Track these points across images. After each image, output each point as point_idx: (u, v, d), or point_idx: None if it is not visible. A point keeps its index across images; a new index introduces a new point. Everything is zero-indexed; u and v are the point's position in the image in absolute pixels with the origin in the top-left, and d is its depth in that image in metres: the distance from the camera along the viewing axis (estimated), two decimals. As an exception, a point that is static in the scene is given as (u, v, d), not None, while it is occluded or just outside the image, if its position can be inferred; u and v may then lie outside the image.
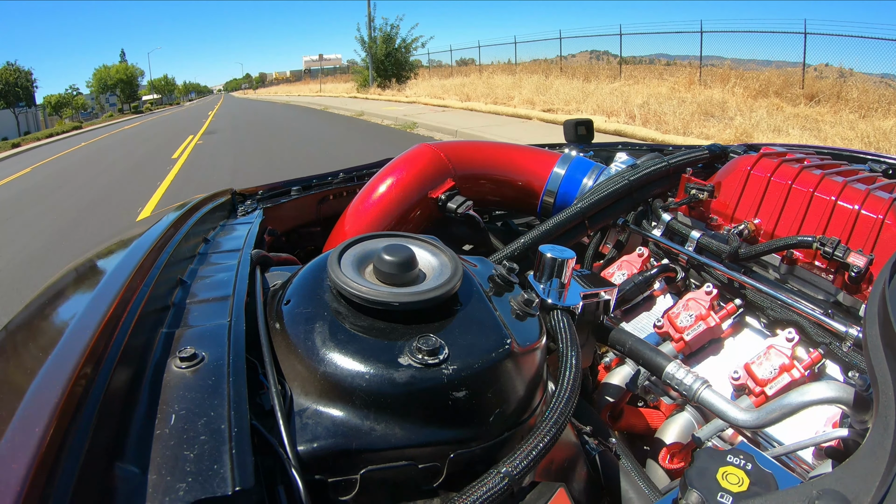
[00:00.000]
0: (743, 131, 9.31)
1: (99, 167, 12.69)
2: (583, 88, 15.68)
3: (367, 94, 27.00)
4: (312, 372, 0.58)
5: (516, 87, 18.33)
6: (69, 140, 25.43)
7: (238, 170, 9.74)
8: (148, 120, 37.28)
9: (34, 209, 8.42)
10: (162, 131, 22.32)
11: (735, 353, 1.24)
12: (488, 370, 0.61)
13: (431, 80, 27.38)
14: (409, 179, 1.57)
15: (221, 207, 1.40)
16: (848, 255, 1.11)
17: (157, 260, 0.80)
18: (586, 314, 0.93)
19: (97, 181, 10.48)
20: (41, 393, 0.45)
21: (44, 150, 21.20)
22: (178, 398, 0.53)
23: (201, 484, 0.44)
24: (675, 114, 10.99)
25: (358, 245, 0.73)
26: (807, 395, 0.77)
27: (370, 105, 21.28)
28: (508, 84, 19.36)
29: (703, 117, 10.92)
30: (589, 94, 14.60)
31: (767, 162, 1.40)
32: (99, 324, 0.56)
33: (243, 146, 13.55)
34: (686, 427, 1.13)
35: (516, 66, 24.27)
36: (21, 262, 5.51)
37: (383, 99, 24.10)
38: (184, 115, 37.29)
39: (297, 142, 13.44)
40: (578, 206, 1.44)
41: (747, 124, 9.78)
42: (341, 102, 25.54)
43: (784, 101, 11.96)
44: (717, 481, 0.55)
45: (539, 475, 0.66)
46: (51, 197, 9.36)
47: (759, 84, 12.77)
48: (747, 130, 9.37)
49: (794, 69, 13.31)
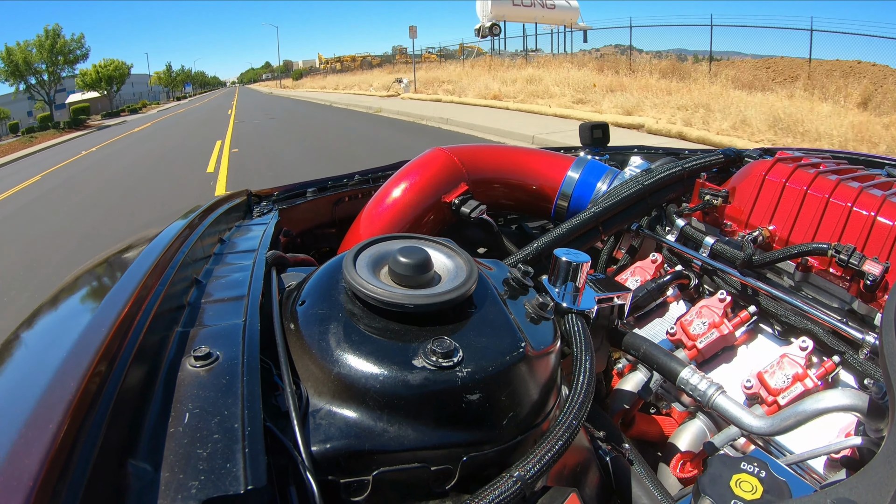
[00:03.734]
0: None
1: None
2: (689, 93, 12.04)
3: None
4: (326, 373, 0.59)
5: (617, 87, 14.34)
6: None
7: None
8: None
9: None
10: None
11: (748, 362, 1.23)
12: (502, 373, 0.61)
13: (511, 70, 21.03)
14: (423, 183, 1.57)
15: (237, 208, 1.41)
16: (863, 263, 1.10)
17: (173, 259, 0.80)
18: (601, 318, 0.93)
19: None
20: (55, 390, 0.46)
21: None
22: (191, 397, 0.53)
23: (213, 482, 0.44)
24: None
25: (373, 246, 0.74)
26: (822, 402, 0.76)
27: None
28: (588, 80, 15.68)
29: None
30: (715, 103, 10.69)
31: (782, 167, 1.39)
32: (114, 322, 0.56)
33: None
34: (698, 435, 1.13)
35: (571, 56, 21.48)
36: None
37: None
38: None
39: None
40: (592, 210, 1.44)
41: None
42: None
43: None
44: (730, 488, 0.55)
45: (551, 480, 0.66)
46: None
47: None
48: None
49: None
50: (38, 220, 7.94)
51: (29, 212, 8.78)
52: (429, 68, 29.65)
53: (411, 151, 1.81)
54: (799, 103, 10.12)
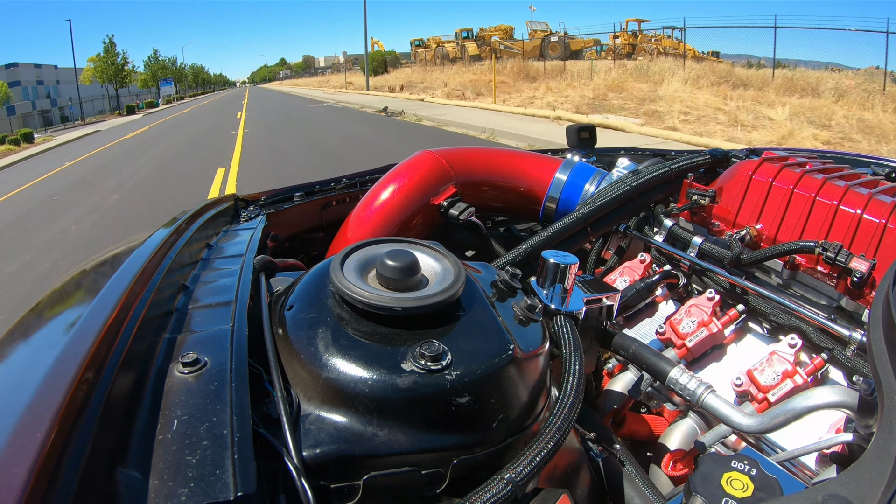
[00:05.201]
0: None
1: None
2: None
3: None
4: (315, 377, 0.58)
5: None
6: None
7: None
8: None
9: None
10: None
11: (737, 360, 1.24)
12: (491, 376, 0.61)
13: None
14: (410, 186, 1.57)
15: (224, 213, 1.40)
16: (850, 260, 1.11)
17: (160, 265, 0.80)
18: (589, 319, 0.93)
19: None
20: (43, 398, 0.45)
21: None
22: (180, 403, 0.53)
23: (203, 489, 0.44)
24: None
25: (361, 250, 0.73)
26: (811, 399, 0.77)
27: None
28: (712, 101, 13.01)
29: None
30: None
31: (769, 167, 1.40)
32: (101, 329, 0.56)
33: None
34: (689, 433, 1.13)
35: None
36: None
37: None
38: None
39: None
40: (580, 212, 1.45)
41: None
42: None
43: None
44: (721, 487, 0.55)
45: (542, 481, 0.66)
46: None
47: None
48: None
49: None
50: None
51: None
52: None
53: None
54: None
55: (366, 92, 31.79)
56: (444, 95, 22.14)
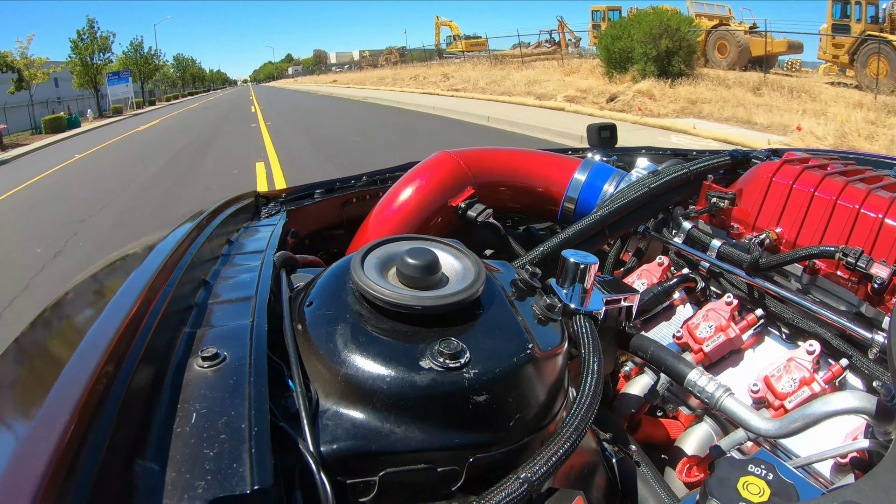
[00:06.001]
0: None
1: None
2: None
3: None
4: (334, 373, 0.59)
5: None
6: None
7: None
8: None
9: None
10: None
11: (755, 366, 1.23)
12: (509, 375, 0.61)
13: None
14: (429, 188, 1.58)
15: (245, 210, 1.42)
16: (871, 266, 1.10)
17: (181, 261, 0.81)
18: (608, 320, 0.93)
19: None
20: (63, 390, 0.46)
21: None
22: (199, 397, 0.54)
23: (220, 482, 0.44)
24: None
25: (381, 248, 0.74)
26: (830, 404, 0.76)
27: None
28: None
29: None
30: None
31: (790, 169, 1.39)
32: (122, 323, 0.57)
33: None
34: (705, 438, 1.13)
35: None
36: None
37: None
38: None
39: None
40: (598, 213, 1.44)
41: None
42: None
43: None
44: (737, 491, 0.55)
45: (558, 481, 0.66)
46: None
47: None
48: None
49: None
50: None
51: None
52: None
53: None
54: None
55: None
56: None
